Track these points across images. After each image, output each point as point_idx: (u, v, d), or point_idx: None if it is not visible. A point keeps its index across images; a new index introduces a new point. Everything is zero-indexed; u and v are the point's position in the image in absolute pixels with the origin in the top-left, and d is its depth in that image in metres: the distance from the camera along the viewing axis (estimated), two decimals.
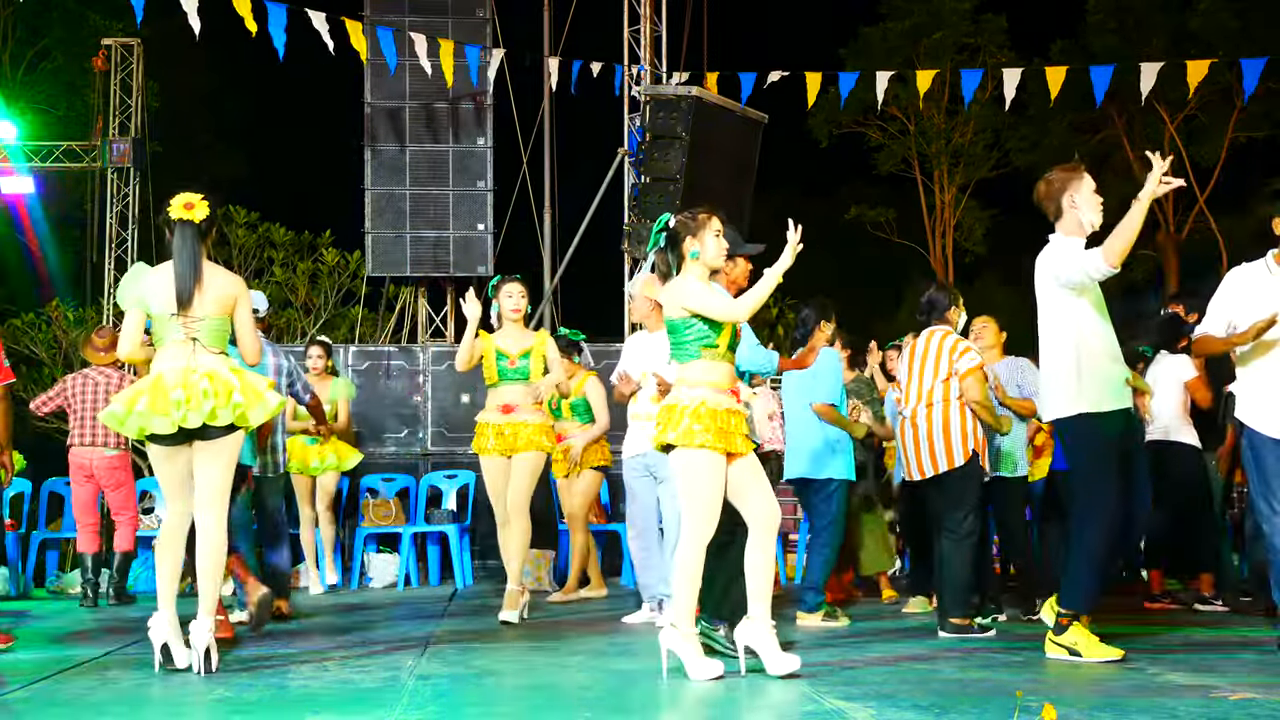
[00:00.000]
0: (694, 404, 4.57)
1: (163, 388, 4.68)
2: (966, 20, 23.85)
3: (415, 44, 10.48)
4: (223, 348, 4.86)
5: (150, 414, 4.67)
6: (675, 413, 4.60)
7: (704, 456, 4.54)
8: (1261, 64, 11.59)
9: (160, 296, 4.80)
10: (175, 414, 4.65)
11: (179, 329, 4.77)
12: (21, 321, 16.30)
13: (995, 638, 5.83)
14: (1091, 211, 5.03)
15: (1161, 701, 3.86)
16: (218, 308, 4.83)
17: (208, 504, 4.80)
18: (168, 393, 4.66)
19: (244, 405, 4.73)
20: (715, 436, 4.53)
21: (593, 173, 11.74)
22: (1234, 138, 22.60)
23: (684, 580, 4.55)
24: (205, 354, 4.77)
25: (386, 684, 4.40)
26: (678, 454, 4.60)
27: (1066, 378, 5.02)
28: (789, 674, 4.43)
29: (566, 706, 3.99)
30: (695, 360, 4.64)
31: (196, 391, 4.66)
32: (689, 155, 10.41)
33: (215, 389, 4.69)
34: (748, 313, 4.64)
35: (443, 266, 11.27)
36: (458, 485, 10.06)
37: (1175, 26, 22.15)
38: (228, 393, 4.71)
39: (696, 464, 4.55)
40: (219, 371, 4.74)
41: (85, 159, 15.85)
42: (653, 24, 12.02)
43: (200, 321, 4.78)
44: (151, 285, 4.85)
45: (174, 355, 4.76)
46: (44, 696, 4.29)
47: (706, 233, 4.72)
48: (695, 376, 4.64)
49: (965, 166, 24.68)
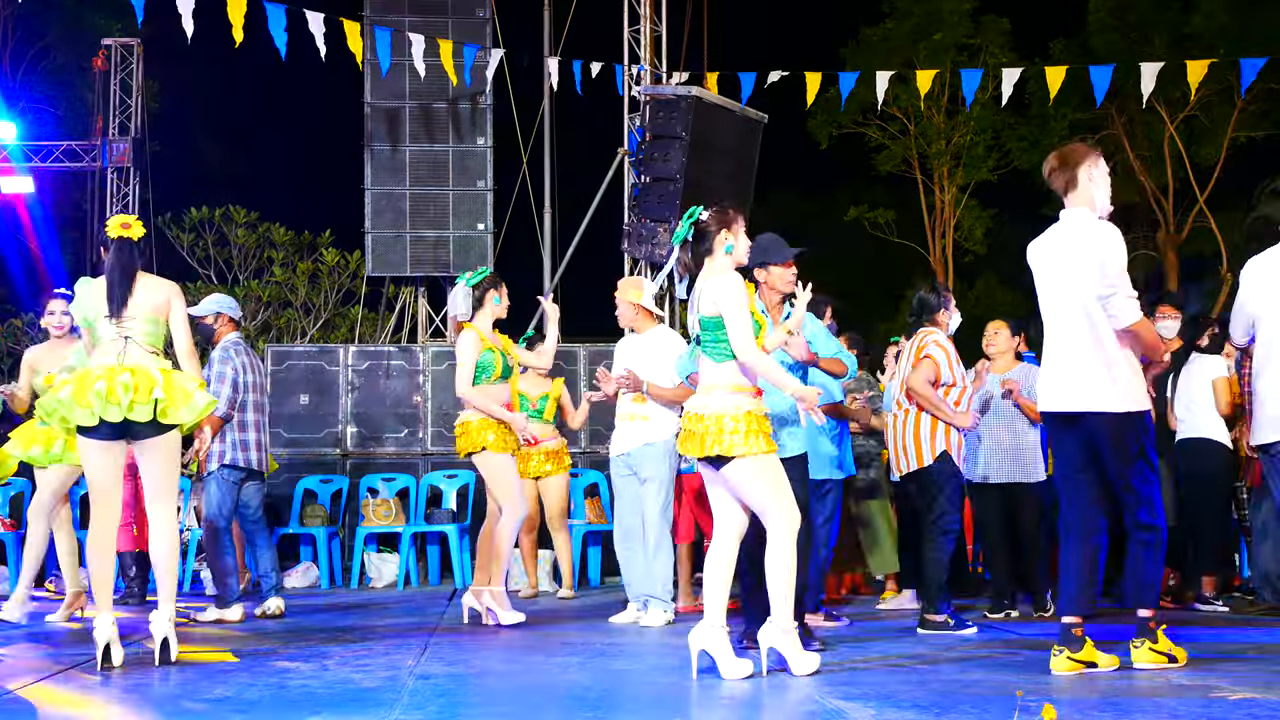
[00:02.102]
0: (740, 411, 4.50)
1: (87, 380, 4.85)
2: (967, 20, 23.84)
3: (414, 44, 10.48)
4: (157, 348, 5.06)
5: (72, 404, 4.82)
6: (725, 422, 4.49)
7: (770, 459, 4.52)
8: (1261, 64, 11.59)
9: (93, 304, 5.04)
10: (96, 405, 4.79)
11: (112, 329, 5.00)
12: (21, 321, 16.29)
13: (993, 638, 5.83)
14: (1103, 192, 4.79)
15: (1162, 701, 3.86)
16: (150, 310, 5.07)
17: (154, 499, 5.03)
18: (91, 385, 4.81)
19: (165, 402, 4.87)
20: (768, 441, 4.52)
21: (593, 173, 11.75)
22: (1234, 138, 22.58)
23: (784, 581, 4.50)
24: (137, 351, 4.97)
25: (386, 684, 4.40)
26: (743, 463, 4.49)
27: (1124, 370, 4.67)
28: (812, 674, 4.42)
29: (566, 706, 3.99)
30: (729, 361, 4.57)
31: (117, 385, 4.80)
32: (689, 155, 10.41)
33: (136, 384, 4.83)
34: (750, 363, 4.53)
35: (443, 266, 11.27)
36: (458, 485, 10.06)
37: (1175, 26, 22.14)
38: (148, 388, 4.85)
39: (767, 468, 4.52)
40: (145, 368, 4.90)
41: (85, 159, 15.85)
42: (653, 24, 12.01)
43: (132, 321, 5.02)
44: (86, 296, 5.09)
45: (105, 352, 4.97)
46: (44, 696, 4.28)
47: (739, 228, 4.68)
48: (729, 381, 4.57)
49: (965, 167, 24.67)
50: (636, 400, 6.63)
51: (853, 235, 25.53)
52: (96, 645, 4.81)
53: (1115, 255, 4.63)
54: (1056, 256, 4.74)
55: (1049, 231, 4.85)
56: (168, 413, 4.89)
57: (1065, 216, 4.78)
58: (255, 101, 24.72)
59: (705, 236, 4.67)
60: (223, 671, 4.73)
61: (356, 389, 10.72)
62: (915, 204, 25.48)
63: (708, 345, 4.62)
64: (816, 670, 4.49)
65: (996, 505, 6.97)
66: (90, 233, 16.36)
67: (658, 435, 6.60)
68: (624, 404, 6.72)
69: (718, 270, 4.64)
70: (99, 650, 4.81)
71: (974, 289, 25.78)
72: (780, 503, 4.54)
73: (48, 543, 6.81)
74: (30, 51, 21.42)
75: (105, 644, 4.80)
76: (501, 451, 6.48)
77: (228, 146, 24.14)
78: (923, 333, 6.31)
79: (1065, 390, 4.70)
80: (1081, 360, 4.66)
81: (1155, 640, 4.66)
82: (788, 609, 4.53)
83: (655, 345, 6.66)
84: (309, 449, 10.56)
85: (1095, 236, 4.66)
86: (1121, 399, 4.62)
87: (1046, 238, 4.83)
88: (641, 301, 6.71)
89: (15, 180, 15.83)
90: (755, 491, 4.54)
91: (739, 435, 4.46)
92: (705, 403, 4.59)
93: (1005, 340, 7.09)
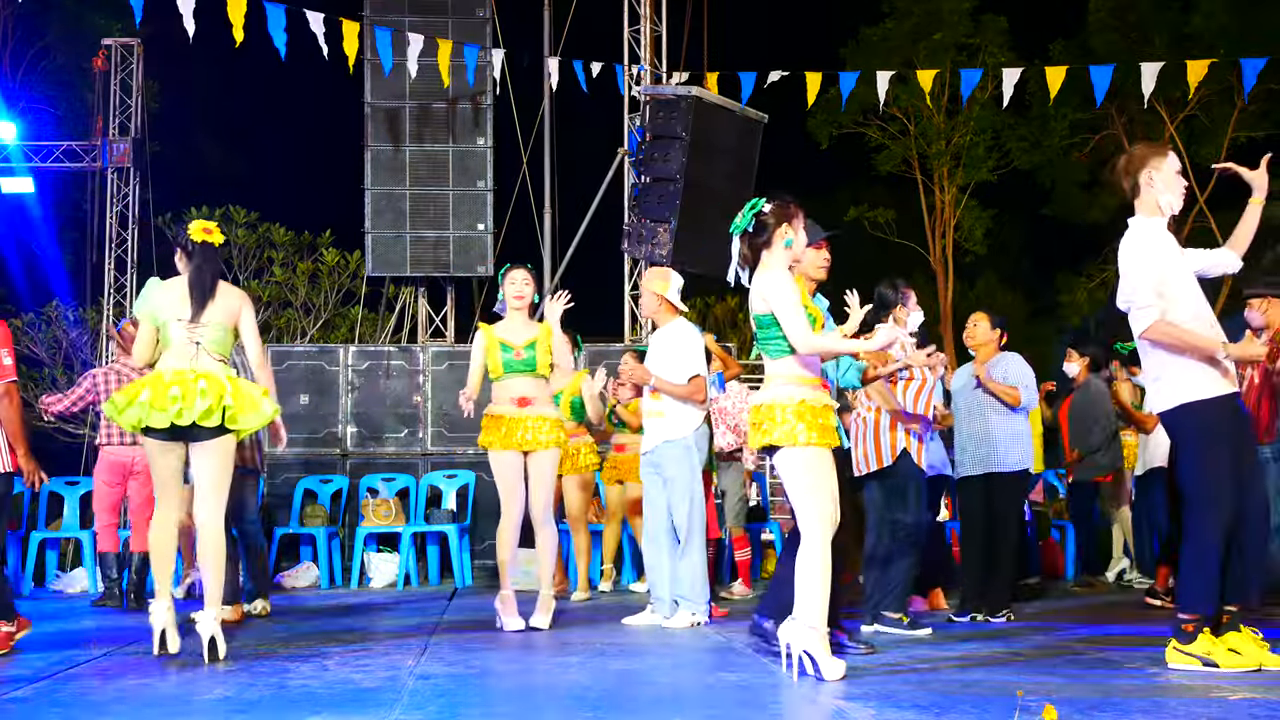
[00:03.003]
0: (794, 401, 4.47)
1: (161, 385, 5.05)
2: (966, 20, 23.83)
3: (414, 44, 10.48)
4: (225, 355, 5.27)
5: (150, 408, 5.02)
6: (776, 413, 4.48)
7: (813, 453, 4.47)
8: (1261, 64, 11.59)
9: (169, 307, 5.23)
10: (171, 409, 5.00)
11: (185, 335, 5.19)
12: (21, 321, 16.29)
13: (995, 638, 5.82)
14: (1172, 193, 4.79)
15: (1162, 701, 3.86)
16: (223, 317, 5.26)
17: (204, 500, 5.16)
18: (166, 389, 5.03)
19: (234, 409, 5.08)
20: (820, 433, 4.46)
21: (593, 173, 11.76)
22: (1234, 138, 22.57)
23: (813, 582, 4.42)
24: (207, 358, 5.17)
25: (386, 684, 4.40)
26: (786, 454, 4.48)
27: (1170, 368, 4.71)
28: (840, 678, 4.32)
29: (566, 706, 3.99)
30: (786, 355, 4.55)
31: (193, 391, 5.02)
32: (689, 155, 10.41)
33: (210, 390, 5.04)
34: (807, 352, 4.52)
35: (443, 266, 11.28)
36: (458, 485, 10.07)
37: (1175, 26, 22.13)
38: (219, 395, 5.05)
39: (808, 462, 4.47)
40: (216, 375, 5.12)
41: (85, 159, 15.84)
42: (653, 24, 12.02)
43: (204, 328, 5.20)
44: (160, 298, 5.27)
45: (177, 357, 5.17)
46: (44, 696, 4.28)
47: (799, 222, 4.64)
48: (788, 371, 4.54)
49: (965, 167, 24.66)
50: (653, 396, 6.62)
51: (853, 235, 25.52)
52: (154, 631, 5.05)
53: (1131, 267, 4.72)
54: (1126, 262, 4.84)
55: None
56: (236, 419, 5.10)
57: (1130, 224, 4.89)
58: (255, 101, 24.72)
59: (764, 229, 4.62)
60: (223, 671, 4.73)
61: (356, 389, 10.72)
62: (915, 204, 25.46)
63: (763, 342, 4.60)
64: (843, 675, 4.38)
65: (977, 498, 6.90)
66: (90, 233, 16.35)
67: (677, 432, 6.54)
68: (645, 401, 6.71)
69: (771, 265, 4.60)
70: (155, 636, 5.05)
71: (974, 289, 25.78)
72: (813, 499, 4.47)
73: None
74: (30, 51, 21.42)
75: (161, 630, 5.04)
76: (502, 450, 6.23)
77: (228, 146, 24.14)
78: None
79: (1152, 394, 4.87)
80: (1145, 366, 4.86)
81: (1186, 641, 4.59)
82: (813, 608, 4.41)
83: (672, 340, 6.63)
84: (309, 449, 10.57)
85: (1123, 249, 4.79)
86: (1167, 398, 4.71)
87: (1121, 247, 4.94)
88: (666, 294, 6.65)
89: (15, 180, 15.83)
90: (792, 485, 4.51)
91: (786, 425, 4.44)
92: (763, 395, 4.57)
93: (985, 332, 7.04)
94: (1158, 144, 5.00)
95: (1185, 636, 4.58)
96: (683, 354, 6.55)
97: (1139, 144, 5.04)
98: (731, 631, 6.09)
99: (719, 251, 10.11)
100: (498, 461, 6.27)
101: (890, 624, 5.98)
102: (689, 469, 6.53)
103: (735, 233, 4.68)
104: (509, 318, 6.45)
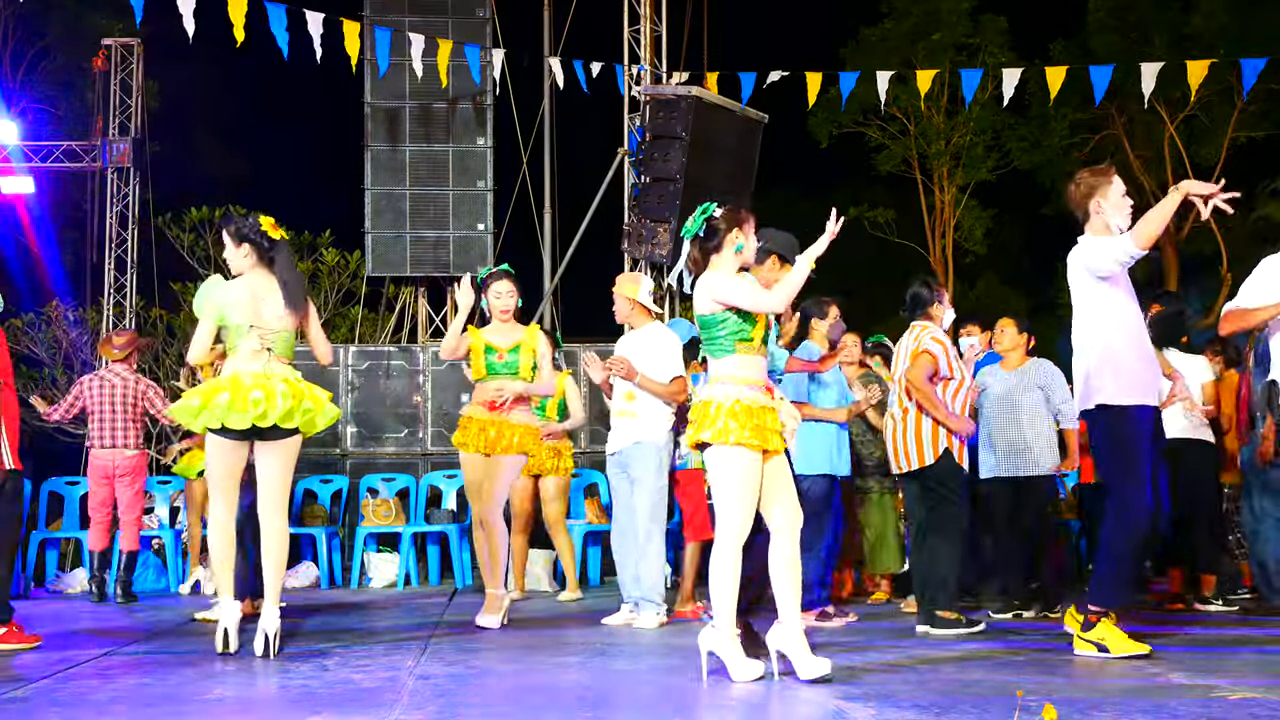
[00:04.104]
0: (729, 401, 4.48)
1: (242, 387, 5.10)
2: (966, 20, 23.83)
3: (414, 44, 10.48)
4: (290, 358, 5.31)
5: (229, 410, 5.08)
6: (710, 410, 4.50)
7: (740, 454, 4.45)
8: (1261, 64, 11.59)
9: (240, 308, 5.22)
10: (254, 411, 5.08)
11: (255, 339, 5.21)
12: (21, 321, 16.29)
13: (995, 637, 5.83)
14: (1118, 215, 5.07)
15: (1162, 701, 3.86)
16: (292, 320, 5.33)
17: (269, 500, 5.27)
18: (247, 392, 5.09)
19: (313, 411, 5.23)
20: (752, 433, 4.45)
21: (593, 173, 11.75)
22: (1234, 138, 22.58)
23: (723, 581, 4.43)
24: (276, 363, 5.25)
25: (386, 684, 4.40)
26: (713, 452, 4.49)
27: (1095, 371, 5.02)
28: (820, 678, 4.30)
29: (566, 706, 3.98)
30: (729, 355, 4.56)
31: (275, 393, 5.11)
32: (689, 155, 10.41)
33: (290, 392, 5.16)
34: (781, 305, 4.58)
35: (443, 266, 11.28)
36: (457, 485, 10.06)
37: (1175, 26, 22.13)
38: (299, 398, 5.18)
39: (732, 462, 4.46)
40: (292, 379, 5.23)
41: (85, 159, 15.84)
42: (653, 24, 12.01)
43: (275, 334, 5.26)
44: (231, 297, 5.25)
45: (248, 360, 5.20)
46: (44, 696, 4.28)
47: (750, 228, 4.66)
48: (729, 372, 4.55)
49: (965, 167, 24.66)
50: (628, 397, 6.63)
51: (853, 235, 25.50)
52: (218, 628, 5.15)
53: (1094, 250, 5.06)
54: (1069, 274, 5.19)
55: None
56: (315, 422, 5.27)
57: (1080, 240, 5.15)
58: (255, 101, 24.70)
59: (715, 233, 4.64)
60: (223, 671, 4.73)
61: (356, 389, 10.73)
62: (915, 204, 25.46)
63: (708, 343, 4.63)
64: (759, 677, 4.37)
65: (1006, 501, 6.96)
66: (90, 233, 16.34)
67: (648, 434, 6.58)
68: (617, 400, 6.71)
69: (719, 268, 4.63)
70: (219, 634, 5.13)
71: (974, 289, 25.77)
72: (730, 501, 4.46)
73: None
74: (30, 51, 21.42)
75: (224, 630, 5.13)
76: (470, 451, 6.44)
77: (228, 146, 24.13)
78: (917, 327, 6.24)
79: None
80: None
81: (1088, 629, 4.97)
82: (724, 610, 4.44)
83: (651, 341, 6.66)
84: (309, 449, 10.54)
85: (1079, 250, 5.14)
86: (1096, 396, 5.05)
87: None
88: (638, 297, 6.69)
89: (15, 180, 15.82)
90: (715, 483, 4.54)
91: (719, 425, 4.45)
92: (702, 393, 4.61)
93: (1012, 337, 7.09)
94: (1101, 169, 5.27)
95: (1088, 625, 5.00)
96: (662, 355, 6.59)
97: (1084, 172, 5.27)
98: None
99: None
100: (463, 462, 6.57)
101: (944, 625, 5.93)
102: (657, 469, 6.60)
103: (686, 236, 4.72)
104: (494, 323, 6.57)
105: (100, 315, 15.67)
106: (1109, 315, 5.04)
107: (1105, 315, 5.04)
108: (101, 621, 7.05)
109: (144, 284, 16.02)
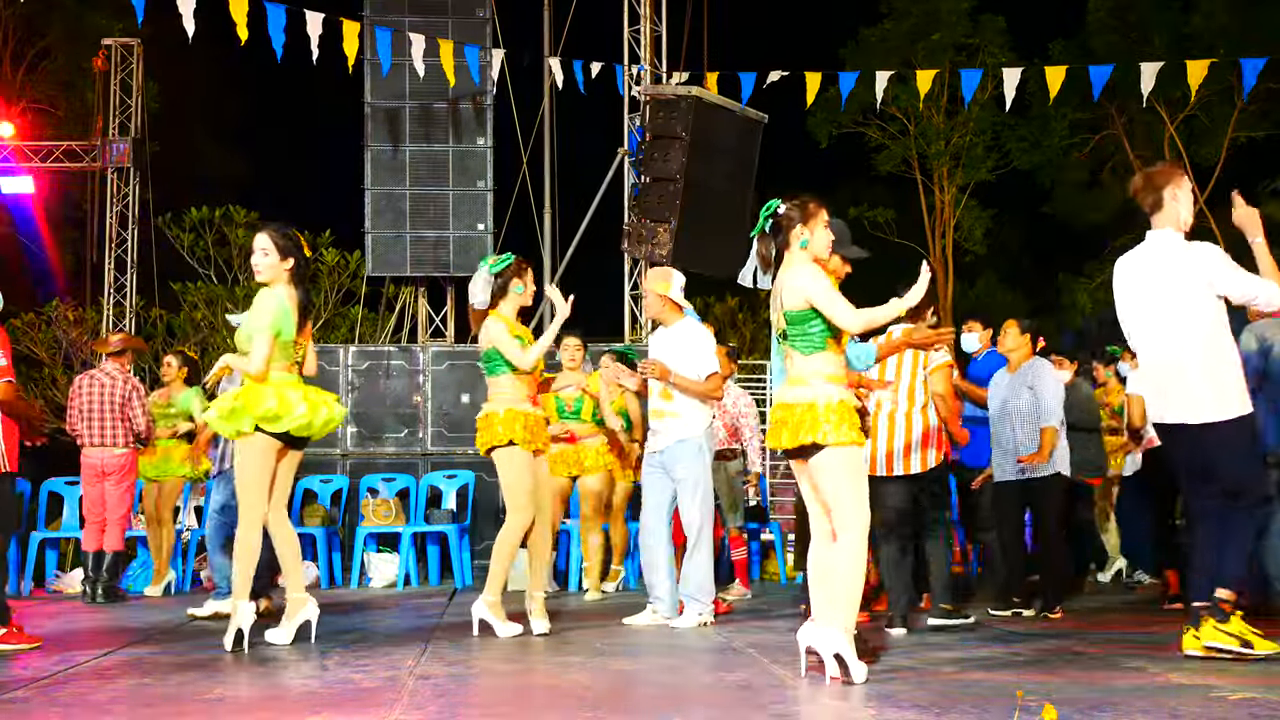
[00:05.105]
0: (834, 401, 4.42)
1: (288, 401, 5.35)
2: (965, 20, 23.85)
3: (414, 44, 10.48)
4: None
5: (277, 416, 5.32)
6: (815, 410, 4.42)
7: (856, 454, 4.45)
8: (1261, 64, 11.60)
9: (293, 320, 5.48)
10: (300, 420, 5.35)
11: (292, 354, 5.49)
12: (21, 321, 16.30)
13: (996, 639, 5.83)
14: (1188, 211, 5.05)
15: (1162, 701, 3.86)
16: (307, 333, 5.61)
17: (281, 503, 5.54)
18: (293, 407, 5.35)
19: (333, 423, 5.54)
20: (858, 434, 4.43)
21: (593, 173, 11.76)
22: (1234, 138, 22.59)
23: (852, 583, 4.38)
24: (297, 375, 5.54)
25: (386, 684, 4.40)
26: (829, 454, 4.41)
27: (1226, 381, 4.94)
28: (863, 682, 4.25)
29: (566, 706, 3.98)
30: (820, 352, 4.49)
31: (316, 404, 5.41)
32: (689, 155, 10.41)
33: (321, 402, 5.45)
34: (858, 329, 4.49)
35: (443, 266, 11.28)
36: (457, 485, 10.07)
37: (1175, 26, 22.15)
38: (330, 408, 5.49)
39: (852, 461, 4.44)
40: (318, 390, 5.54)
41: (85, 159, 15.85)
42: (653, 24, 12.02)
43: (301, 348, 5.53)
44: (287, 308, 5.46)
45: (286, 372, 5.45)
46: (44, 696, 4.28)
47: (817, 223, 4.58)
48: (822, 369, 4.48)
49: (965, 167, 24.68)
50: (664, 396, 6.58)
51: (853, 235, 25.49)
52: (231, 627, 5.30)
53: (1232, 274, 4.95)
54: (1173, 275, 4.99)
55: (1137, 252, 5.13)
56: (330, 430, 5.60)
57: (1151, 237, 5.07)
58: (255, 101, 24.72)
59: (781, 230, 4.59)
60: (223, 671, 4.73)
61: (356, 389, 10.73)
62: (915, 204, 25.49)
63: (796, 339, 4.52)
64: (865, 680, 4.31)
65: (1015, 500, 6.98)
66: (90, 233, 16.36)
67: (689, 432, 6.52)
68: (654, 400, 6.66)
69: (796, 263, 4.56)
70: (231, 632, 5.28)
71: (974, 289, 25.79)
72: (856, 498, 4.44)
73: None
74: (30, 51, 21.43)
75: (238, 630, 5.28)
76: (526, 449, 5.99)
77: (228, 146, 24.15)
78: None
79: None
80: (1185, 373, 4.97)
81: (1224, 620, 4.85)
82: (850, 610, 4.38)
83: (682, 339, 6.59)
84: (309, 449, 10.52)
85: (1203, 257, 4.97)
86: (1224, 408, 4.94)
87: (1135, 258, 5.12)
88: (669, 294, 6.61)
89: (15, 180, 15.84)
90: (836, 483, 4.44)
91: (831, 424, 4.38)
92: (797, 394, 4.49)
93: (1014, 338, 7.09)
94: (1175, 164, 5.39)
95: (1224, 617, 4.83)
96: (696, 352, 6.53)
97: (1159, 163, 5.26)
98: (732, 632, 6.09)
99: (719, 251, 10.22)
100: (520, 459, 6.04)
101: (942, 616, 6.02)
102: (701, 468, 6.52)
103: (754, 236, 4.67)
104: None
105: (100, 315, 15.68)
106: (1224, 327, 5.00)
107: (1222, 327, 4.99)
108: (100, 622, 7.04)
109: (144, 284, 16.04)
